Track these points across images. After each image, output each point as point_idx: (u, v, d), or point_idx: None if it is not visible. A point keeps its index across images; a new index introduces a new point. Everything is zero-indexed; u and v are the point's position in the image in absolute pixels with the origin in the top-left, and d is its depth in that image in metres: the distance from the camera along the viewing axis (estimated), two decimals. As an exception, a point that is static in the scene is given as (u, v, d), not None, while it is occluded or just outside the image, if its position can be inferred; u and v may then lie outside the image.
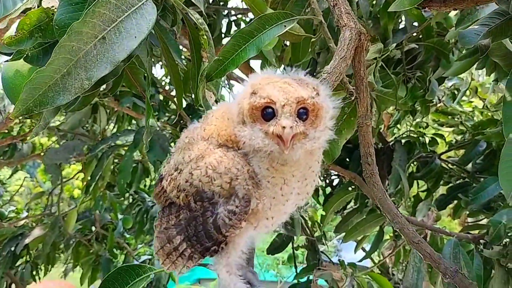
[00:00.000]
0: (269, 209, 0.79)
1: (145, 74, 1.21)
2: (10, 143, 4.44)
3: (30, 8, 1.10)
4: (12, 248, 4.03)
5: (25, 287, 4.58)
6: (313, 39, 1.61)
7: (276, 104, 0.72)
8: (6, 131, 4.62)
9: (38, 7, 1.11)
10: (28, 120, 4.40)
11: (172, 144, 2.82)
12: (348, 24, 1.01)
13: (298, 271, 2.47)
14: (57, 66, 0.84)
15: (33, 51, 1.07)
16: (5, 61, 1.13)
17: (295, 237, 2.41)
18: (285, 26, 1.16)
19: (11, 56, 1.11)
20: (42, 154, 4.21)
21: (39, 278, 4.78)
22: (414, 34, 2.48)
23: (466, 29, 1.06)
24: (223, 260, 0.82)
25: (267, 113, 0.74)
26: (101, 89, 3.15)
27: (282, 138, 0.72)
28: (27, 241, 3.95)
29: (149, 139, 1.11)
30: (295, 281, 2.47)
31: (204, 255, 0.80)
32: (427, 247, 0.92)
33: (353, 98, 1.14)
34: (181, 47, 2.76)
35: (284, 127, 0.71)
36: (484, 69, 2.26)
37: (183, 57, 1.94)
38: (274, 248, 2.60)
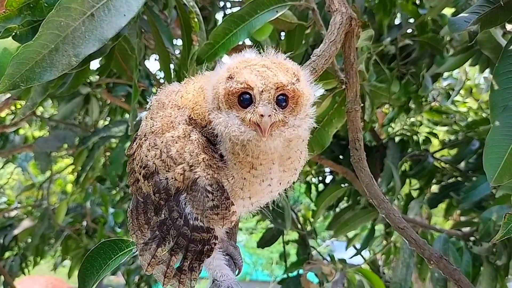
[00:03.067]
0: (241, 189, 0.75)
1: (135, 56, 1.20)
2: (1, 133, 4.40)
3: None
4: (1, 240, 4.00)
5: (14, 279, 4.54)
6: (306, 30, 1.61)
7: (253, 90, 0.68)
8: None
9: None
10: (20, 112, 4.37)
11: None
12: (339, 9, 1.00)
13: (288, 266, 2.47)
14: (45, 41, 0.83)
15: (21, 30, 1.05)
16: (-7, 39, 1.12)
17: (285, 231, 2.40)
18: (277, 11, 1.16)
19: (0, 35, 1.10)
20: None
21: (28, 271, 4.75)
22: (410, 30, 2.49)
23: (456, 17, 1.06)
24: None
25: (244, 99, 0.70)
26: (94, 80, 3.14)
27: (259, 126, 0.68)
28: (16, 232, 3.91)
29: (134, 122, 1.10)
30: (286, 275, 2.47)
31: (202, 259, 0.73)
32: (412, 233, 0.92)
33: (344, 86, 1.13)
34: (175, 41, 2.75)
35: (262, 115, 0.67)
36: (479, 69, 2.28)
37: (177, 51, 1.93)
38: (265, 241, 2.60)
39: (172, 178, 0.71)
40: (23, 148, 4.40)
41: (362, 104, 1.06)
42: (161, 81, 3.69)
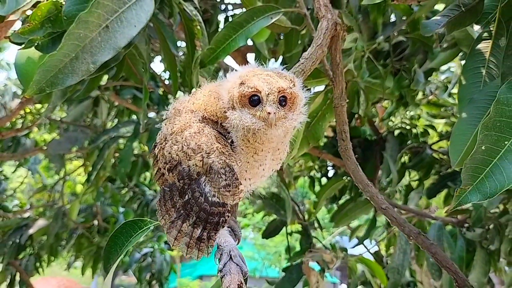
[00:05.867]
0: (245, 171, 0.93)
1: (143, 62, 1.32)
2: (14, 136, 4.55)
3: (40, 1, 1.21)
4: (17, 240, 4.14)
5: (29, 278, 4.69)
6: (302, 31, 1.72)
7: (261, 93, 0.87)
8: (10, 125, 4.74)
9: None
10: (29, 116, 4.52)
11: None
12: (326, 15, 1.12)
13: (292, 255, 2.59)
14: (67, 51, 0.96)
15: (43, 40, 1.18)
16: (18, 49, 1.25)
17: (288, 222, 2.52)
18: (271, 18, 1.28)
19: (24, 45, 1.23)
20: (45, 148, 4.33)
21: (43, 270, 4.90)
22: (404, 27, 2.58)
23: (429, 20, 1.17)
24: None
25: (254, 100, 0.88)
26: (103, 82, 3.28)
27: (267, 120, 0.87)
28: (31, 231, 4.06)
29: (145, 121, 1.23)
30: (289, 264, 2.58)
31: (218, 229, 0.88)
32: (393, 213, 1.03)
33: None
34: (179, 43, 2.87)
35: (269, 113, 0.86)
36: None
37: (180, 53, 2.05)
38: (269, 232, 2.72)
39: (193, 165, 0.88)
40: (35, 151, 4.55)
41: (348, 100, 1.18)
42: (166, 82, 3.82)
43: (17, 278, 4.63)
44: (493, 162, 0.78)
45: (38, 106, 4.27)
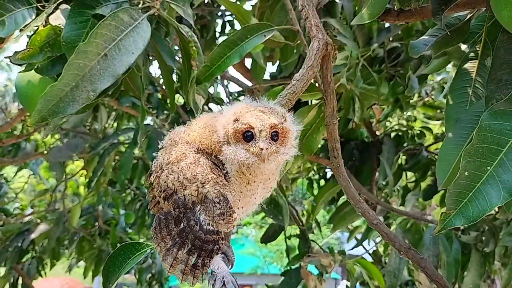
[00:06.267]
0: (238, 200, 0.97)
1: (141, 79, 1.36)
2: (14, 142, 4.58)
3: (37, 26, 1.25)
4: (19, 244, 4.18)
5: (32, 281, 4.74)
6: (294, 44, 1.75)
7: (254, 129, 0.91)
8: (10, 130, 4.77)
9: (46, 23, 1.26)
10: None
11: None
12: (317, 35, 1.15)
13: (290, 259, 2.63)
14: (67, 80, 1.00)
15: (43, 63, 1.22)
16: (18, 72, 1.28)
17: (285, 227, 2.56)
18: (265, 35, 1.32)
19: (24, 68, 1.27)
20: (45, 152, 4.36)
21: (45, 273, 4.94)
22: (399, 33, 2.61)
23: (417, 40, 1.21)
24: None
25: (247, 136, 0.92)
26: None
27: (260, 156, 0.91)
28: (33, 236, 4.10)
29: (143, 139, 1.26)
30: (288, 267, 2.63)
31: (212, 256, 0.91)
32: (384, 228, 1.07)
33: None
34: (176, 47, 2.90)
35: (262, 149, 0.90)
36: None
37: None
38: (267, 237, 2.77)
39: (189, 194, 0.91)
40: (35, 156, 4.59)
41: (338, 118, 1.21)
42: (164, 86, 3.84)
43: (20, 281, 4.70)
44: (476, 187, 0.82)
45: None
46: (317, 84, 1.30)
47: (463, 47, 1.23)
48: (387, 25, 2.79)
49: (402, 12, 1.29)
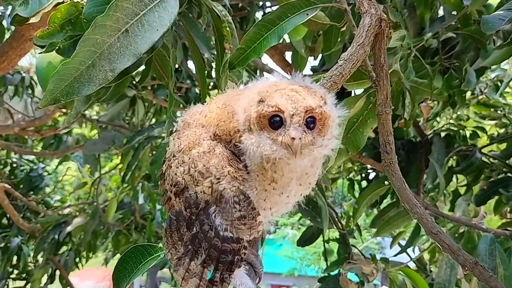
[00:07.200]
0: (263, 200, 0.78)
1: (170, 67, 1.24)
2: (55, 134, 4.64)
3: (61, 2, 1.15)
4: (56, 236, 4.22)
5: (69, 273, 4.80)
6: (342, 29, 1.59)
7: (284, 113, 0.72)
8: (53, 123, 4.85)
9: (68, 0, 1.16)
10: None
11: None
12: (369, 10, 0.99)
13: (329, 264, 2.46)
14: (82, 58, 0.88)
15: (64, 44, 1.12)
16: (39, 53, 1.19)
17: (324, 231, 2.40)
18: (307, 14, 1.16)
19: (44, 49, 1.18)
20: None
21: (82, 265, 5.00)
22: (453, 22, 2.40)
23: (491, 15, 1.02)
24: None
25: (275, 121, 0.73)
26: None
27: (291, 148, 0.71)
28: (69, 229, 4.12)
29: (170, 129, 1.14)
30: (326, 274, 2.46)
31: (233, 270, 0.75)
32: (445, 238, 0.90)
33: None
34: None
35: (293, 138, 0.71)
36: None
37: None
38: (304, 240, 2.61)
39: (201, 192, 0.74)
40: (75, 149, 4.64)
41: (393, 107, 1.05)
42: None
43: (57, 273, 4.77)
44: None
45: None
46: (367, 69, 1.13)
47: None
48: (440, 14, 2.58)
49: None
